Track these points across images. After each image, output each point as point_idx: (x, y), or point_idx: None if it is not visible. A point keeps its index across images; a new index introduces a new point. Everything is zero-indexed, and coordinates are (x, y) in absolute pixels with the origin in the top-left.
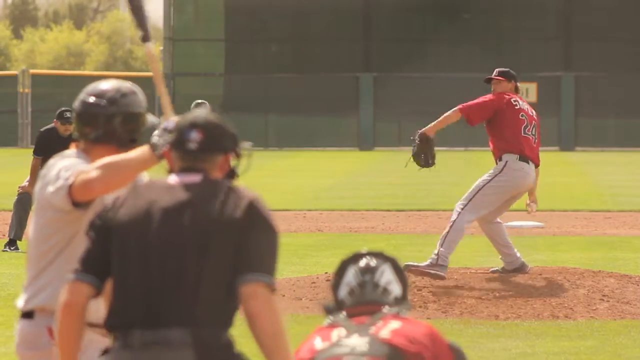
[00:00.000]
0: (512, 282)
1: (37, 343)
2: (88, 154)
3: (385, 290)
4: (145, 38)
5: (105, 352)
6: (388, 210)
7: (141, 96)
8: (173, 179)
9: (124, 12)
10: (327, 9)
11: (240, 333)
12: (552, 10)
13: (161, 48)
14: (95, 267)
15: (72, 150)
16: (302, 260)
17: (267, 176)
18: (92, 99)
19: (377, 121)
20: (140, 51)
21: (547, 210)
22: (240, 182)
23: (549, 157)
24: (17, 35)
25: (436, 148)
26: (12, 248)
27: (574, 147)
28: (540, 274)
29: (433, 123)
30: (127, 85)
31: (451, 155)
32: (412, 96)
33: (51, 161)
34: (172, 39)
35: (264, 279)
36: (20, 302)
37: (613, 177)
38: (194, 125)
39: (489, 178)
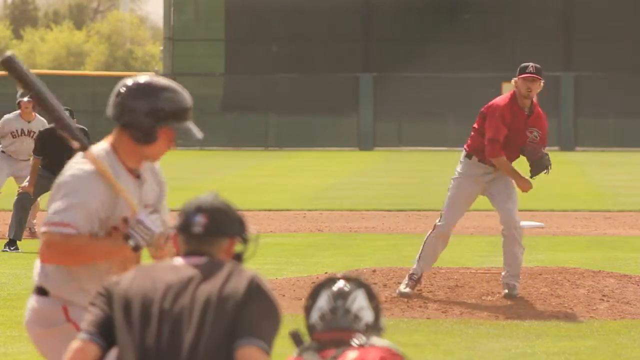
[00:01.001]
0: None
1: (51, 320)
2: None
3: (357, 317)
4: (83, 148)
5: None
6: (388, 210)
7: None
8: (178, 261)
9: (124, 12)
10: (327, 9)
11: None
12: (552, 10)
13: (161, 48)
14: (104, 331)
15: (101, 145)
16: (302, 260)
17: (267, 176)
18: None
19: (377, 121)
20: (140, 51)
21: (547, 210)
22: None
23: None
24: (17, 35)
25: (436, 148)
26: (12, 248)
27: (574, 147)
28: (540, 274)
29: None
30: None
31: (450, 156)
32: (412, 96)
33: (79, 155)
34: (172, 39)
35: (259, 344)
36: (36, 276)
37: (613, 177)
38: (199, 210)
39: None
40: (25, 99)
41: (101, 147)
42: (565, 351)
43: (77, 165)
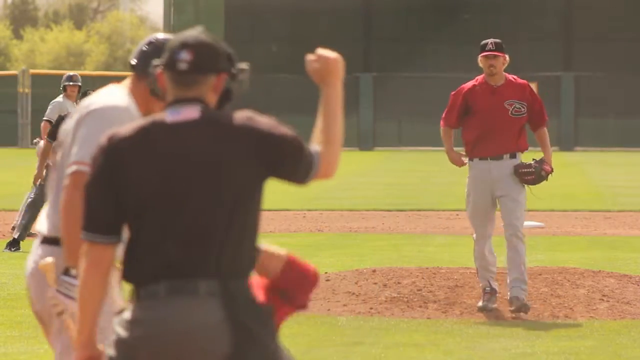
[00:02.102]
0: None
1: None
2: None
3: None
4: None
5: (120, 312)
6: (388, 210)
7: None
8: (173, 116)
9: (124, 12)
10: (327, 9)
11: None
12: (552, 10)
13: None
14: (109, 225)
15: (121, 88)
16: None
17: None
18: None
19: (377, 121)
20: None
21: (547, 210)
22: None
23: None
24: (17, 35)
25: (436, 148)
26: (13, 249)
27: (574, 147)
28: (540, 274)
29: (548, 150)
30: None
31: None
32: (412, 96)
33: (87, 104)
34: None
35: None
36: (43, 227)
37: (613, 177)
38: (184, 45)
39: (521, 188)
40: (71, 82)
41: (120, 91)
42: (565, 351)
43: (109, 98)
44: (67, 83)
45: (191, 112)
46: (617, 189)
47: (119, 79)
